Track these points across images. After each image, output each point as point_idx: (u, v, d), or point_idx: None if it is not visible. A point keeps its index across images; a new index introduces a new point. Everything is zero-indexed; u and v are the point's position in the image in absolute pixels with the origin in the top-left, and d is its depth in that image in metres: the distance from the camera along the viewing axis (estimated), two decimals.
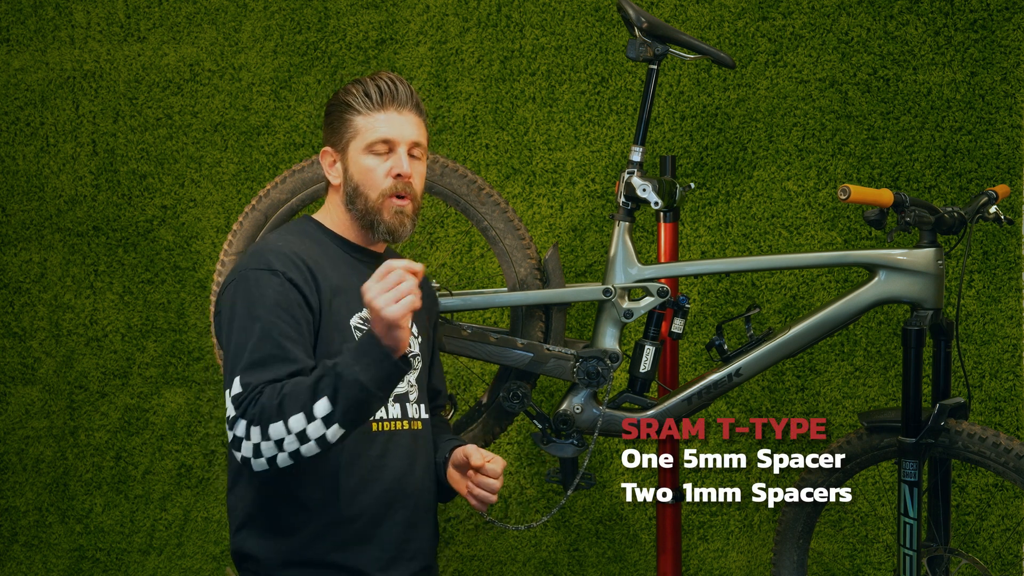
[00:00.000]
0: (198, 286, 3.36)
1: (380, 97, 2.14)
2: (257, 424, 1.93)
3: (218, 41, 3.32)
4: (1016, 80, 2.85)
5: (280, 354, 1.98)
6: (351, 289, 2.12)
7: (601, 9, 3.08)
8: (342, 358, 1.92)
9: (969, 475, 2.91)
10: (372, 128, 2.14)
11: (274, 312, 2.00)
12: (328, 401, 1.90)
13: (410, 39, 3.20)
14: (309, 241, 2.16)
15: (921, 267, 2.33)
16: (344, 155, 2.17)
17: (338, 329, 2.08)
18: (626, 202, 2.49)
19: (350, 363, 1.90)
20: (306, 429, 1.92)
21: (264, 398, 1.94)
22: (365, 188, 2.15)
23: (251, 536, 2.11)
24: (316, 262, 2.10)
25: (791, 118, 2.98)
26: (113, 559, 3.44)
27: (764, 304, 3.01)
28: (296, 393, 1.92)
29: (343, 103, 2.16)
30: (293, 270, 2.05)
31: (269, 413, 1.93)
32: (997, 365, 2.89)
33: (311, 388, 1.91)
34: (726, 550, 3.07)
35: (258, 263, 2.05)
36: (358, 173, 2.15)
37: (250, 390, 1.96)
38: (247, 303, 2.02)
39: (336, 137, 2.18)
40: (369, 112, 2.14)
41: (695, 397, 2.46)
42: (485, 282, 3.18)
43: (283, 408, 1.92)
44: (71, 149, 3.43)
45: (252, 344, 1.99)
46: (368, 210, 2.16)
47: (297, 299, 2.03)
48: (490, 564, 3.21)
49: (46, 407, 3.47)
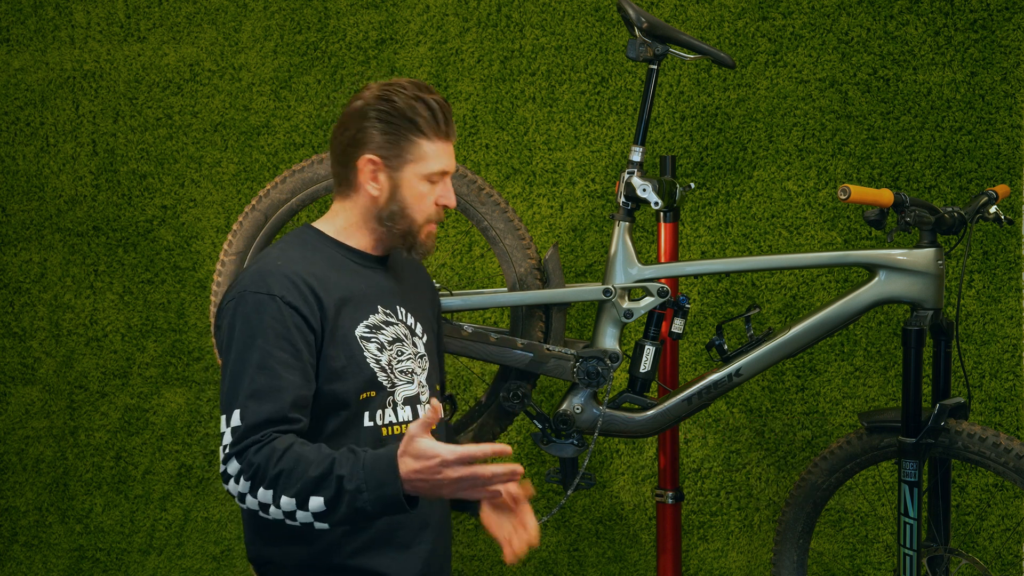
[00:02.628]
0: (198, 286, 3.36)
1: (446, 127, 2.11)
2: (248, 480, 1.92)
3: (218, 41, 3.32)
4: (1016, 80, 2.85)
5: (277, 384, 1.96)
6: (356, 298, 2.11)
7: (601, 9, 3.09)
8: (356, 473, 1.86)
9: (969, 475, 2.91)
10: (437, 158, 2.10)
11: (271, 340, 1.98)
12: (324, 504, 1.87)
13: (410, 39, 3.20)
14: (311, 252, 2.12)
15: (921, 267, 2.33)
16: (397, 173, 2.10)
17: (344, 343, 2.06)
18: (626, 202, 2.49)
19: (362, 488, 1.85)
20: (295, 512, 1.90)
21: (262, 457, 1.91)
22: (413, 212, 2.12)
23: (269, 543, 2.09)
24: (319, 276, 2.07)
25: (791, 118, 2.98)
26: (113, 559, 3.44)
27: (764, 304, 3.01)
28: (296, 474, 1.88)
29: (409, 120, 2.08)
30: (292, 292, 2.01)
31: (262, 477, 1.90)
32: (997, 365, 2.89)
33: (313, 481, 1.87)
34: (726, 550, 3.07)
35: (258, 286, 2.02)
36: (411, 196, 2.11)
37: (251, 431, 1.94)
38: (246, 329, 2.00)
39: (393, 151, 2.09)
40: (435, 140, 2.10)
41: (695, 397, 2.46)
42: (485, 282, 3.18)
43: (278, 482, 1.89)
44: (71, 149, 3.43)
45: (250, 373, 1.97)
46: (410, 232, 2.13)
47: (296, 322, 2.00)
48: (490, 564, 3.21)
49: (46, 407, 3.47)
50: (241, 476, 1.92)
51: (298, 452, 1.91)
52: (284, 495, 1.89)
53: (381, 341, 2.11)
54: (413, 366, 2.16)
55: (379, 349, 2.10)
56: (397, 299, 2.19)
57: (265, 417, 1.95)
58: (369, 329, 2.10)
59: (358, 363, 2.07)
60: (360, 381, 2.07)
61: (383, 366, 2.09)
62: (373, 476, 1.85)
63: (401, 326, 2.17)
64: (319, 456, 1.89)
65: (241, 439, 1.94)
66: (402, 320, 2.18)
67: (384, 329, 2.13)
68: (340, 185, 2.16)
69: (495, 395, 2.58)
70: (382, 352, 2.10)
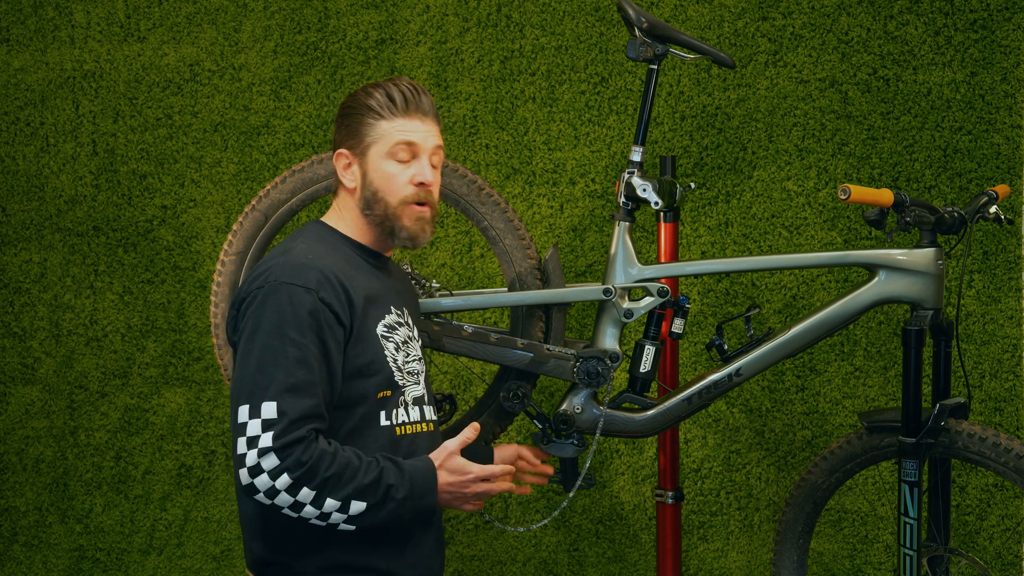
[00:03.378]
0: (198, 286, 3.36)
1: (405, 104, 2.11)
2: (293, 478, 1.92)
3: (218, 41, 3.32)
4: (1016, 80, 2.85)
5: (314, 379, 1.96)
6: (375, 296, 2.12)
7: (601, 9, 3.09)
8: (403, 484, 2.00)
9: (969, 475, 2.91)
10: (396, 133, 2.11)
11: (307, 335, 1.97)
12: (365, 509, 1.96)
13: (410, 39, 3.20)
14: (332, 250, 2.12)
15: (921, 267, 2.33)
16: (363, 159, 2.13)
17: (367, 340, 2.07)
18: (626, 202, 2.49)
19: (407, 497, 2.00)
20: (332, 514, 1.96)
21: (311, 458, 1.93)
22: (385, 194, 2.12)
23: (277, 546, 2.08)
24: (346, 273, 2.07)
25: (791, 118, 2.98)
26: (113, 559, 3.44)
27: (764, 304, 3.01)
28: (345, 479, 1.95)
29: (364, 106, 2.12)
30: (327, 287, 2.01)
31: (310, 478, 1.93)
32: (997, 365, 2.89)
33: (363, 487, 1.96)
34: (726, 550, 3.07)
35: (292, 277, 2.00)
36: (379, 179, 2.12)
37: (292, 427, 1.93)
38: (279, 320, 1.97)
39: (354, 140, 2.13)
40: (393, 117, 2.11)
41: (695, 397, 2.46)
42: (485, 282, 3.18)
43: (327, 485, 1.94)
44: (71, 149, 3.43)
45: (286, 366, 1.95)
46: (387, 216, 2.13)
47: (328, 319, 2.00)
48: (490, 564, 3.21)
49: (46, 407, 3.47)
50: (284, 472, 1.91)
51: (346, 457, 1.97)
52: (330, 498, 1.94)
53: (396, 341, 2.13)
54: (418, 367, 2.18)
55: (396, 348, 2.12)
56: (402, 300, 2.22)
57: (305, 412, 1.94)
58: (387, 328, 2.12)
59: (380, 361, 2.08)
60: (381, 379, 2.08)
61: (399, 366, 2.11)
62: (418, 486, 2.01)
63: (407, 327, 2.19)
64: (364, 463, 1.98)
65: (283, 434, 1.92)
66: (407, 322, 2.20)
67: (398, 329, 2.15)
68: (336, 185, 2.21)
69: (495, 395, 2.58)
70: (398, 352, 2.12)
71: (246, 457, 1.92)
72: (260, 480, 1.92)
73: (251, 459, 1.92)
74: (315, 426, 1.96)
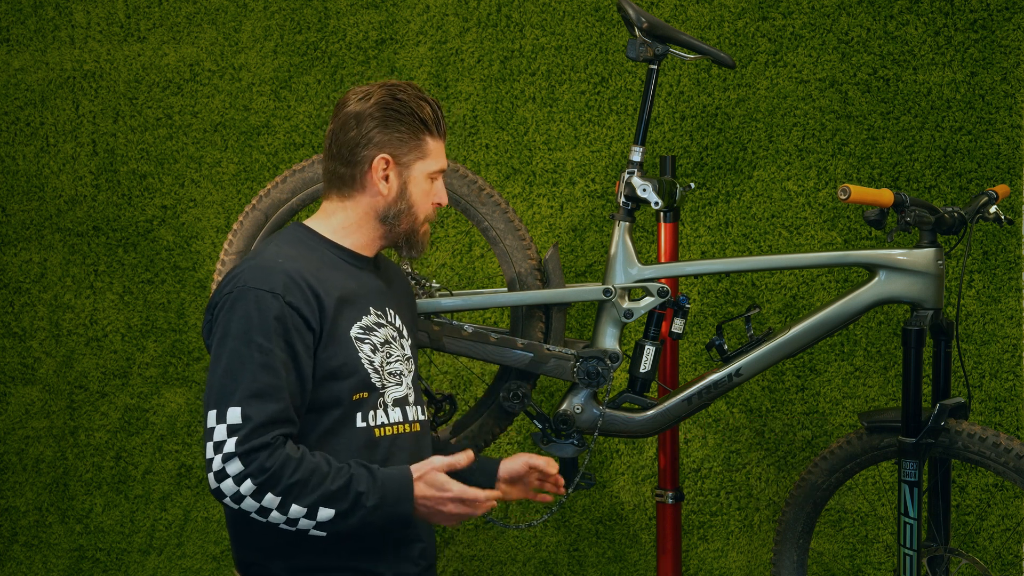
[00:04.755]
0: (198, 286, 3.36)
1: (437, 124, 2.15)
2: (257, 484, 1.92)
3: (218, 41, 3.32)
4: (1016, 80, 2.85)
5: (279, 384, 1.96)
6: (351, 298, 2.11)
7: (601, 9, 3.09)
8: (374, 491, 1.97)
9: (969, 475, 2.91)
10: (438, 156, 2.14)
11: (272, 339, 1.97)
12: (335, 516, 1.94)
13: (410, 39, 3.20)
14: (307, 251, 2.11)
15: (921, 267, 2.33)
16: (407, 171, 2.12)
17: (341, 343, 2.06)
18: (626, 202, 2.49)
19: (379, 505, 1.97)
20: (299, 520, 1.94)
21: (275, 464, 1.92)
22: (418, 210, 2.14)
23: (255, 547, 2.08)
24: (318, 276, 2.06)
25: (791, 118, 2.98)
26: (113, 559, 3.44)
27: (764, 304, 3.01)
28: (311, 485, 1.93)
29: (419, 118, 2.11)
30: (295, 291, 2.01)
31: (274, 484, 1.92)
32: (997, 365, 2.89)
33: (330, 494, 1.94)
34: (726, 550, 3.07)
35: (259, 282, 2.00)
36: (418, 194, 2.13)
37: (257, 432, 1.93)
38: (245, 325, 1.98)
39: (404, 149, 2.11)
40: (437, 138, 2.14)
41: (695, 397, 2.46)
42: (485, 282, 3.18)
43: (291, 491, 1.92)
44: (71, 149, 3.43)
45: (251, 371, 1.95)
46: (411, 231, 2.15)
47: (296, 323, 2.00)
48: (490, 564, 3.21)
49: (46, 407, 3.47)
50: (247, 478, 1.91)
51: (313, 463, 1.95)
52: (295, 504, 1.93)
53: (374, 342, 2.11)
54: (402, 368, 2.16)
55: (372, 350, 2.10)
56: (386, 300, 2.20)
57: (271, 417, 1.94)
58: (363, 330, 2.11)
59: (354, 363, 2.07)
60: (355, 382, 2.07)
61: (376, 367, 2.10)
62: (390, 494, 1.98)
63: (390, 328, 2.17)
64: (333, 469, 1.96)
65: (247, 439, 1.92)
66: (391, 322, 2.18)
67: (376, 330, 2.13)
68: (341, 185, 2.14)
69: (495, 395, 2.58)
70: (375, 353, 2.11)
71: (213, 462, 1.93)
72: (225, 485, 1.92)
73: (217, 464, 1.92)
74: (282, 431, 1.95)
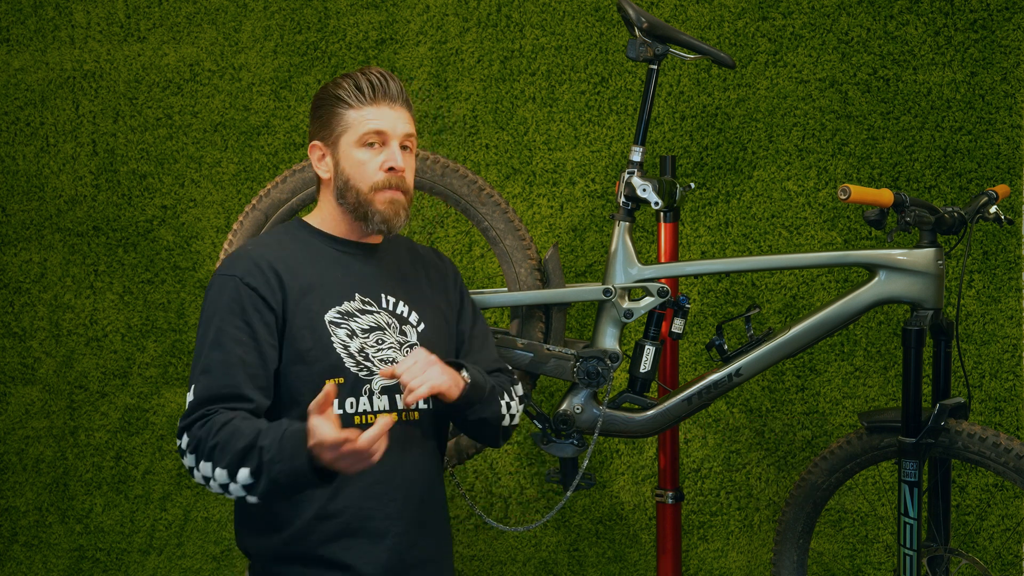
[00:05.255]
0: (198, 286, 3.36)
1: (372, 91, 2.14)
2: (192, 453, 1.99)
3: (218, 41, 3.32)
4: (1016, 80, 2.85)
5: (228, 359, 2.02)
6: (329, 284, 2.13)
7: (601, 9, 3.09)
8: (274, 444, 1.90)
9: (969, 475, 2.91)
10: (364, 121, 2.14)
11: (226, 319, 2.05)
12: (250, 476, 1.93)
13: (410, 39, 3.20)
14: (289, 241, 2.18)
15: (921, 267, 2.33)
16: (335, 149, 2.17)
17: (310, 326, 2.09)
18: (626, 202, 2.49)
19: (276, 459, 1.90)
20: (228, 485, 1.96)
21: (204, 431, 1.97)
22: (356, 181, 2.15)
23: (248, 530, 2.14)
24: (287, 263, 2.12)
25: (791, 118, 2.98)
26: (113, 559, 3.44)
27: (764, 304, 3.01)
28: (229, 446, 1.94)
29: (333, 96, 2.16)
30: (254, 273, 2.07)
31: (202, 450, 1.97)
32: (997, 365, 2.89)
33: (240, 452, 1.93)
34: (726, 550, 3.07)
35: (225, 268, 2.10)
36: (350, 166, 2.15)
37: (200, 405, 2.01)
38: (208, 308, 2.08)
39: (326, 131, 2.17)
40: (361, 106, 2.14)
41: (695, 397, 2.46)
42: (485, 282, 3.18)
43: (214, 455, 1.95)
44: (71, 149, 3.43)
45: (205, 350, 2.04)
46: (360, 202, 2.15)
47: (254, 302, 2.06)
48: (490, 564, 3.21)
49: (46, 407, 3.47)
50: (187, 451, 1.99)
51: (235, 425, 1.95)
52: (218, 467, 1.95)
53: (352, 328, 2.12)
54: (396, 356, 2.15)
55: (349, 336, 2.11)
56: (382, 287, 2.19)
57: (215, 392, 2.01)
58: (340, 315, 2.12)
59: (324, 347, 2.09)
60: (325, 365, 2.09)
61: (351, 353, 2.10)
62: (289, 447, 1.89)
63: (383, 314, 2.16)
64: (251, 428, 1.94)
65: (191, 413, 2.01)
66: (386, 308, 2.18)
67: (358, 317, 2.14)
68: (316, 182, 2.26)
69: None
70: (352, 339, 2.11)
71: (177, 440, 2.05)
72: (185, 460, 2.02)
73: (177, 441, 2.04)
74: (227, 405, 2.00)
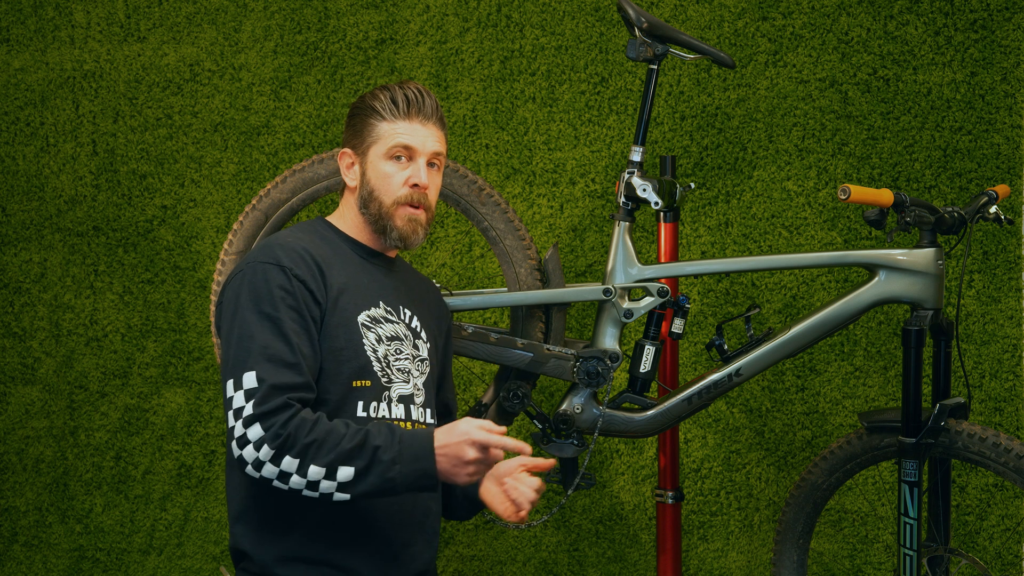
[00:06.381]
0: (198, 286, 3.36)
1: (407, 106, 2.16)
2: (275, 448, 1.94)
3: (218, 41, 3.32)
4: (1016, 80, 2.85)
5: (293, 351, 2.00)
6: (359, 287, 2.15)
7: (601, 9, 3.09)
8: (392, 445, 1.95)
9: (969, 475, 2.91)
10: (394, 135, 2.16)
11: (282, 309, 2.02)
12: (354, 474, 1.94)
13: (410, 39, 3.20)
14: (319, 240, 2.18)
15: (921, 267, 2.33)
16: (364, 159, 2.19)
17: (344, 325, 2.10)
18: (626, 202, 2.49)
19: (396, 459, 1.94)
20: (320, 483, 1.95)
21: (292, 427, 1.94)
22: (380, 193, 2.17)
23: (246, 531, 2.11)
24: (325, 259, 2.12)
25: (791, 118, 2.98)
26: (113, 559, 3.44)
27: (764, 304, 3.01)
28: (328, 445, 1.94)
29: (368, 107, 2.18)
30: (301, 266, 2.07)
31: (291, 446, 1.93)
32: (997, 365, 2.89)
33: (348, 451, 1.93)
34: (726, 550, 3.07)
35: (267, 257, 2.07)
36: (375, 178, 2.17)
37: (272, 395, 1.95)
38: (254, 297, 2.03)
39: (357, 140, 2.20)
40: (394, 119, 2.16)
41: (695, 397, 2.46)
42: (485, 282, 3.18)
43: (308, 452, 1.93)
44: (71, 149, 3.43)
45: (264, 338, 1.99)
46: (381, 215, 2.18)
47: (303, 295, 2.05)
48: (490, 564, 3.21)
49: (46, 407, 3.47)
50: (265, 443, 1.93)
51: (329, 424, 1.97)
52: (313, 465, 1.93)
53: (380, 334, 2.15)
54: (410, 367, 2.18)
55: (377, 340, 2.14)
56: (400, 299, 2.23)
57: (286, 382, 1.97)
58: (370, 319, 2.15)
59: (355, 348, 2.10)
60: (355, 366, 2.09)
61: (379, 357, 2.12)
62: (410, 449, 1.95)
63: (402, 325, 2.19)
64: (351, 429, 1.96)
65: (263, 401, 1.95)
66: (404, 320, 2.21)
67: (383, 324, 2.16)
68: (344, 185, 2.26)
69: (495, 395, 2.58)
70: (379, 344, 2.13)
71: (234, 429, 1.96)
72: (247, 452, 1.95)
73: (239, 430, 1.95)
74: (298, 396, 1.98)
